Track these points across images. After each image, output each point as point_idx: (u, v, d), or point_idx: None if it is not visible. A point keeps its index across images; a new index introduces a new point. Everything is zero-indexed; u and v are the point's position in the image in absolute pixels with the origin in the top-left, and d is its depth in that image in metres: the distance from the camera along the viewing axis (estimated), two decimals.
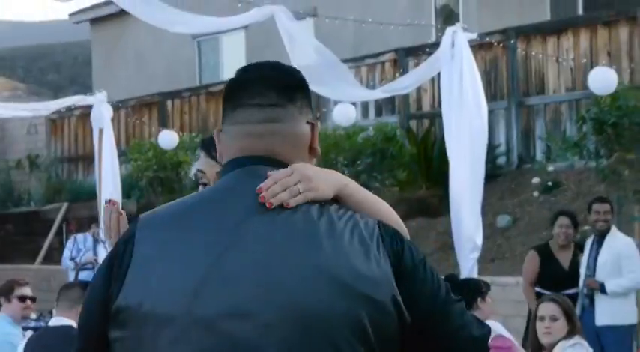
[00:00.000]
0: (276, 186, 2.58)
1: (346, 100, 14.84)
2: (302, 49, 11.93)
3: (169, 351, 2.49)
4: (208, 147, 3.59)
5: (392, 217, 2.88)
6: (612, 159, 13.75)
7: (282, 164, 2.64)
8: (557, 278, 11.00)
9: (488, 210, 14.48)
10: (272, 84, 2.69)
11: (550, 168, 16.77)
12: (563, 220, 10.90)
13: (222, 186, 2.68)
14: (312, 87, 11.92)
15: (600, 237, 10.53)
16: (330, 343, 2.42)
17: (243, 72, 2.77)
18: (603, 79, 13.82)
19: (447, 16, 19.49)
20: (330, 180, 2.73)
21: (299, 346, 2.42)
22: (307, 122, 2.72)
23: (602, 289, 10.41)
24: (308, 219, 2.55)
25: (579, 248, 10.84)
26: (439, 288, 2.62)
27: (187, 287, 2.47)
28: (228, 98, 2.72)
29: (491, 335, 3.04)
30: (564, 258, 10.99)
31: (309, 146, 2.73)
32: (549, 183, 16.08)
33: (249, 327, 2.43)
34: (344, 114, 15.90)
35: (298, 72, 2.82)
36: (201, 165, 3.75)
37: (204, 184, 3.63)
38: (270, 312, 2.42)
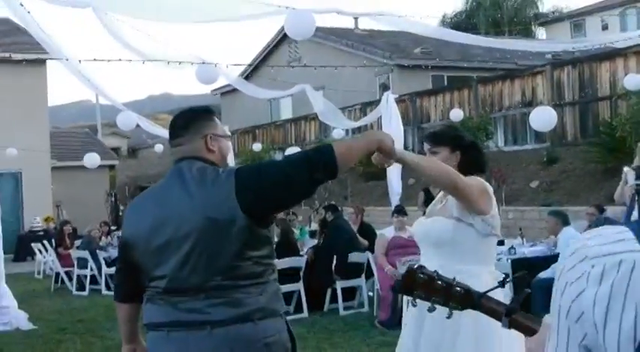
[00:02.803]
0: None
1: (339, 127, 14.84)
2: (318, 103, 11.96)
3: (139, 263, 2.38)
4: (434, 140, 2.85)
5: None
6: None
7: (193, 158, 2.34)
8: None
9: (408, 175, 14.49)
10: (177, 123, 2.44)
11: None
12: None
13: (169, 174, 2.41)
14: (324, 120, 11.60)
15: None
16: (210, 248, 2.22)
17: (174, 118, 2.51)
18: (456, 115, 13.87)
19: (384, 87, 19.38)
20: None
21: (196, 253, 2.22)
22: (202, 137, 2.38)
23: None
24: (196, 183, 2.29)
25: None
26: (279, 174, 2.24)
27: (148, 227, 2.33)
28: (169, 134, 2.47)
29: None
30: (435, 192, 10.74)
31: (206, 148, 2.37)
32: None
33: (172, 249, 2.26)
34: (338, 134, 15.99)
35: (197, 109, 2.52)
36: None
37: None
38: (180, 241, 2.24)
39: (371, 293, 8.20)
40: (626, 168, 6.22)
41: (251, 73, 24.73)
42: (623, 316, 0.87)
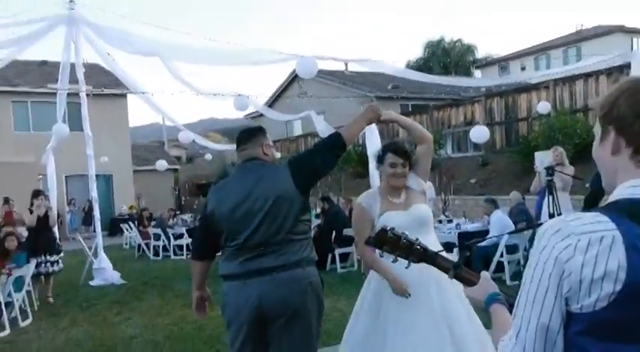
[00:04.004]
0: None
1: None
2: (320, 124, 11.94)
3: (223, 229, 2.36)
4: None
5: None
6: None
7: (255, 159, 2.43)
8: None
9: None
10: (243, 136, 2.49)
11: None
12: None
13: (242, 167, 2.43)
14: (323, 134, 11.10)
15: None
16: (280, 215, 2.29)
17: (240, 133, 2.53)
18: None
19: None
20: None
21: (269, 218, 2.29)
22: (260, 146, 2.45)
23: None
24: (263, 174, 2.36)
25: None
26: (314, 157, 2.38)
27: (231, 203, 2.34)
28: (237, 144, 2.50)
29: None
30: None
31: (263, 153, 2.45)
32: None
33: (250, 217, 2.30)
34: None
35: (255, 127, 2.55)
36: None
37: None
38: (257, 211, 2.30)
39: (359, 257, 8.30)
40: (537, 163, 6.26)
41: (272, 102, 24.80)
42: (605, 277, 0.88)
